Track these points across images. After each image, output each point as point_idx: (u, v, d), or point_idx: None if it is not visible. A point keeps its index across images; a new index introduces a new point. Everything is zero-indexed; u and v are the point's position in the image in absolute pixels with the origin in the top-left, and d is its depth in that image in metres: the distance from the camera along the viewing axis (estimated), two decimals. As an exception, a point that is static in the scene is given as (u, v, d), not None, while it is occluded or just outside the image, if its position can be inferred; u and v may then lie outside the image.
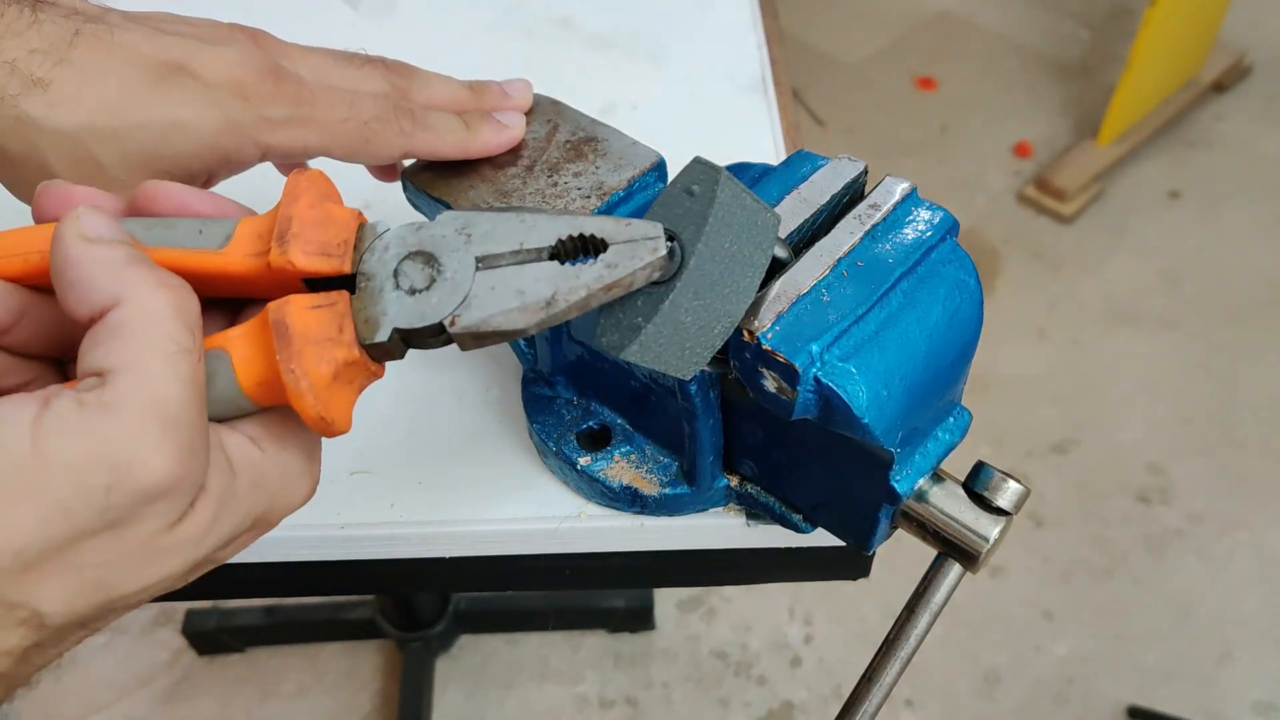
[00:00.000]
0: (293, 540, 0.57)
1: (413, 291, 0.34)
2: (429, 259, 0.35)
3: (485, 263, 0.35)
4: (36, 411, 0.29)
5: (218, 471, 0.32)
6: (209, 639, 1.55)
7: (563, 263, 0.35)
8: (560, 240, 0.35)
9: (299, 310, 0.33)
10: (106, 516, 0.29)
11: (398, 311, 0.34)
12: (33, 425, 0.29)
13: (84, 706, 1.50)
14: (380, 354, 0.35)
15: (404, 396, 0.62)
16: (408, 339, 0.35)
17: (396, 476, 0.58)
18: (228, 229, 0.35)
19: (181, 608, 1.57)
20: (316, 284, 0.35)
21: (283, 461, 0.35)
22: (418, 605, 1.50)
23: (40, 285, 0.36)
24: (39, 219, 0.36)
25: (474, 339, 0.34)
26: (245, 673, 1.56)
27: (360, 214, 0.36)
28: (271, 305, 0.33)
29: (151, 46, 0.46)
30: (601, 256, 0.35)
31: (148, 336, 0.30)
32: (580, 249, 0.36)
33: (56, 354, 0.38)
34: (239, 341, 0.33)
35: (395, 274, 0.35)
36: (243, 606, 1.56)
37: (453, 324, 0.34)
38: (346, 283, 0.35)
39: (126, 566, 0.30)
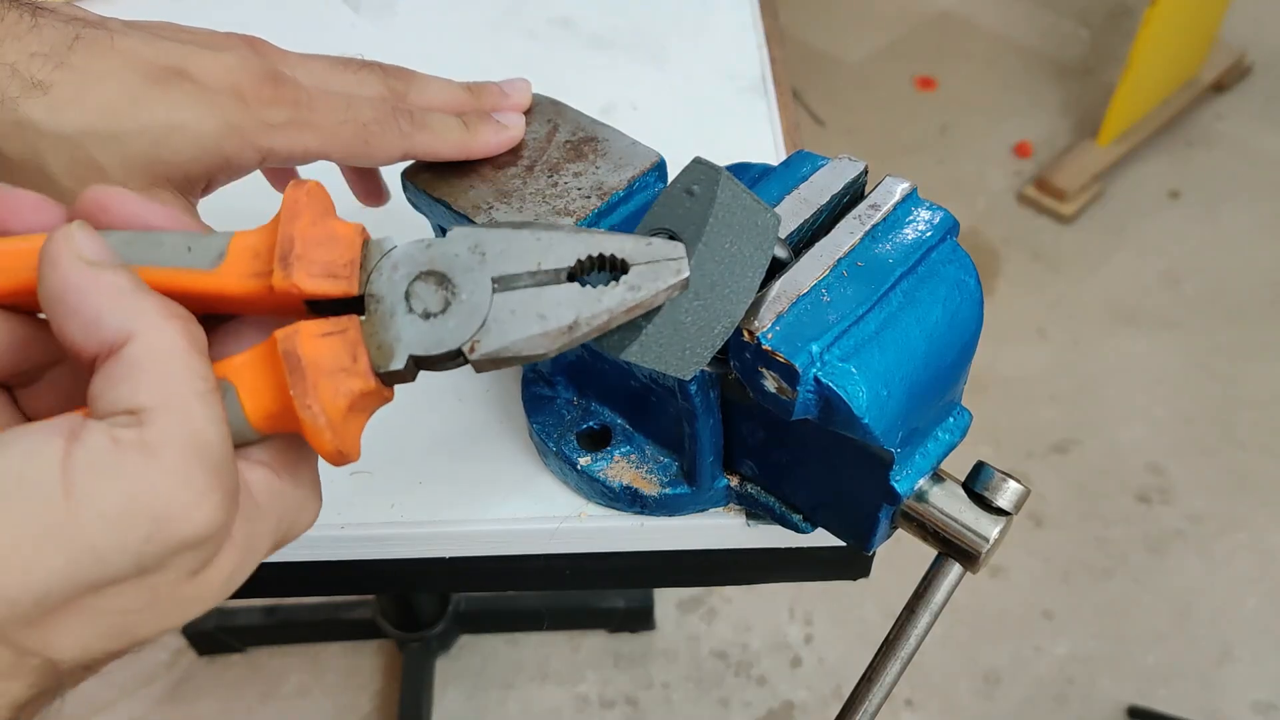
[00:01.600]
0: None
1: (427, 315, 0.33)
2: (442, 280, 0.33)
3: (502, 284, 0.33)
4: (65, 446, 0.27)
5: (243, 517, 0.31)
6: (209, 639, 1.55)
7: (583, 284, 0.33)
8: (580, 261, 0.34)
9: (309, 339, 0.31)
10: (140, 565, 0.27)
11: (413, 337, 0.32)
12: (62, 463, 0.27)
13: (84, 706, 1.51)
14: (393, 380, 0.33)
15: (404, 396, 0.62)
16: (421, 363, 0.33)
17: (396, 476, 0.58)
18: (219, 245, 0.33)
19: (182, 608, 1.57)
20: (320, 305, 0.34)
21: (299, 489, 0.34)
22: (418, 605, 1.50)
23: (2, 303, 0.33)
24: None
25: (493, 364, 0.33)
26: (245, 673, 1.56)
27: (364, 229, 0.35)
28: (280, 334, 0.31)
29: (151, 51, 0.46)
30: (624, 278, 0.33)
31: (176, 374, 0.29)
32: (599, 268, 0.34)
33: (6, 379, 0.35)
34: (244, 371, 0.32)
35: (407, 296, 0.33)
36: (243, 606, 1.56)
37: (472, 350, 0.32)
38: (354, 304, 0.33)
39: (149, 614, 0.29)
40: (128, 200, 0.34)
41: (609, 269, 0.34)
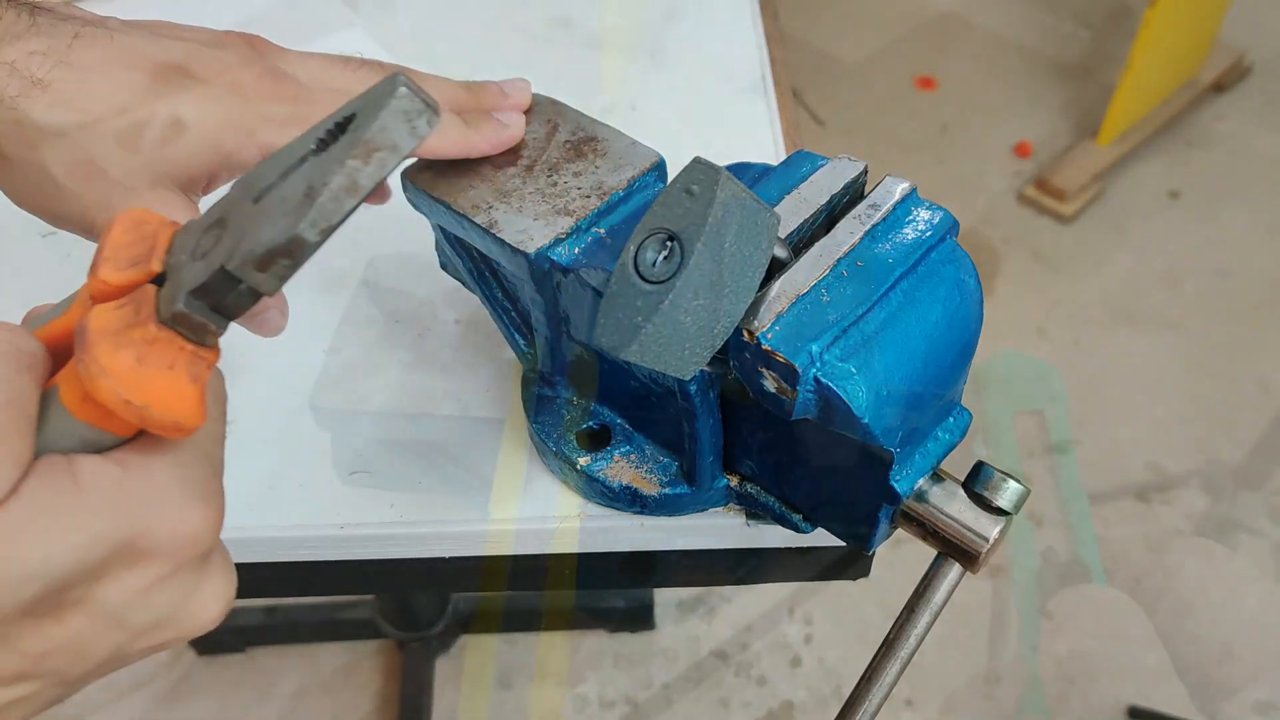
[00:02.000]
0: (293, 540, 0.57)
1: (205, 256, 0.33)
2: (221, 223, 0.33)
3: (258, 197, 0.33)
4: None
5: (41, 481, 0.31)
6: (209, 639, 1.55)
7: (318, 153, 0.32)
8: (319, 139, 0.33)
9: (101, 313, 0.32)
10: None
11: (190, 277, 0.33)
12: None
13: (83, 706, 1.50)
14: (192, 330, 0.33)
15: (404, 397, 0.62)
16: (216, 305, 0.33)
17: (396, 476, 0.58)
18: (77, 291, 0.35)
19: (181, 608, 1.57)
20: None
21: (151, 476, 0.32)
22: (418, 605, 1.49)
23: None
24: None
25: (259, 269, 0.32)
26: (245, 673, 1.56)
27: (174, 223, 0.35)
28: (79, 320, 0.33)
29: (151, 48, 0.46)
30: (349, 126, 0.32)
31: None
32: (335, 136, 0.33)
33: None
34: (68, 372, 0.33)
35: (194, 251, 0.33)
36: (243, 606, 1.55)
37: (230, 260, 0.32)
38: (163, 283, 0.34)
39: None
40: None
41: (343, 131, 0.33)
